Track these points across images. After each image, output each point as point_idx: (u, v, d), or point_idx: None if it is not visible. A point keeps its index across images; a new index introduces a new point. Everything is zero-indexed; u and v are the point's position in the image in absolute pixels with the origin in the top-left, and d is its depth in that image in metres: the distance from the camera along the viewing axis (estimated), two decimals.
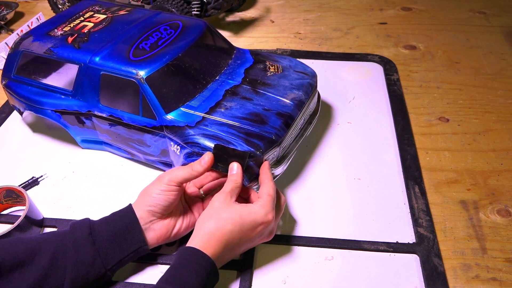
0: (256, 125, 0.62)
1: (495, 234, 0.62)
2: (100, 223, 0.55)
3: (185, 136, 0.62)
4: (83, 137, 0.74)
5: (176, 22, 0.74)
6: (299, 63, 0.77)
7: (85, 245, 0.52)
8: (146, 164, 0.73)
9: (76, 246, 0.52)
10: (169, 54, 0.66)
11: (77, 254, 0.51)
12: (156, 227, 0.56)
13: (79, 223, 0.54)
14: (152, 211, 0.55)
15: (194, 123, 0.62)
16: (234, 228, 0.52)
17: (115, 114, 0.66)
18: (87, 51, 0.67)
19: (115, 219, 0.55)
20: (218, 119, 0.63)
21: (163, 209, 0.55)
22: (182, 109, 0.64)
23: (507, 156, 0.74)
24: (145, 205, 0.55)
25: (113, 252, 0.53)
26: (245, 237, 0.53)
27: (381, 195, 0.67)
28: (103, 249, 0.53)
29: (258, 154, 0.59)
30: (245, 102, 0.66)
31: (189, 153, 0.62)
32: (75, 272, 0.51)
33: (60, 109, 0.70)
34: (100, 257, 0.52)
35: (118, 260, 0.54)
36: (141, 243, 0.55)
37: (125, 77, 0.63)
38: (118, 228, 0.54)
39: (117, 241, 0.53)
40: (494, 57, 0.99)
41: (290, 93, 0.69)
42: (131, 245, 0.54)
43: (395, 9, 1.21)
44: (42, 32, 0.73)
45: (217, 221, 0.52)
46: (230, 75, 0.71)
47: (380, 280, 0.56)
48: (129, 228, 0.54)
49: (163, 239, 0.57)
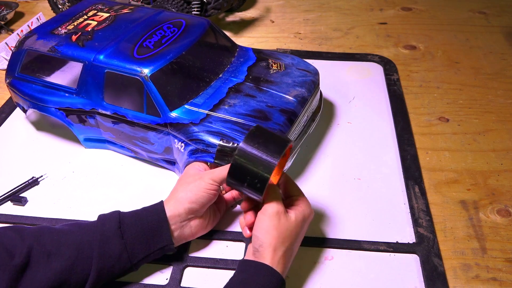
0: (260, 122, 0.63)
1: (495, 234, 0.62)
2: (130, 216, 0.55)
3: (189, 133, 0.62)
4: (86, 136, 0.74)
5: (179, 20, 0.74)
6: (301, 61, 0.77)
7: (114, 238, 0.52)
8: (146, 164, 0.73)
9: (104, 238, 0.52)
10: (173, 52, 0.67)
11: (104, 246, 0.52)
12: (193, 224, 0.57)
13: (108, 216, 0.55)
14: (193, 208, 0.55)
15: (198, 120, 0.63)
16: (298, 240, 0.54)
17: (119, 112, 0.66)
18: (91, 49, 0.67)
19: (146, 215, 0.55)
20: (222, 116, 0.63)
21: (202, 206, 0.56)
22: (186, 106, 0.65)
23: (507, 156, 0.74)
24: (185, 202, 0.55)
25: (140, 247, 0.54)
26: (301, 237, 0.55)
27: (381, 195, 0.67)
28: (131, 243, 0.53)
29: None
30: (249, 99, 0.66)
31: (194, 150, 0.62)
32: (101, 263, 0.51)
33: (64, 107, 0.70)
34: (127, 251, 0.53)
35: (144, 256, 0.54)
36: (168, 241, 0.55)
37: (129, 75, 0.64)
38: (147, 225, 0.54)
39: (145, 237, 0.54)
40: (494, 57, 0.99)
41: (293, 90, 0.69)
42: (158, 242, 0.54)
43: (395, 9, 1.21)
44: (46, 31, 0.73)
45: (284, 241, 0.51)
46: (233, 73, 0.72)
47: (380, 280, 0.56)
48: (158, 226, 0.54)
49: (197, 234, 0.58)
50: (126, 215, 0.55)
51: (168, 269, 0.58)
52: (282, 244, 0.50)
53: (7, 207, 0.67)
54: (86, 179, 0.71)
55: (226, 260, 0.58)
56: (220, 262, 0.58)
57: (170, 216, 0.55)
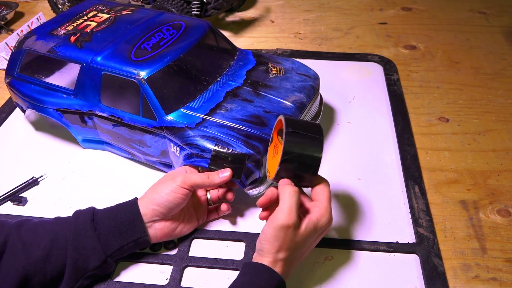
0: (256, 127, 0.62)
1: (495, 234, 0.62)
2: (103, 212, 0.56)
3: (184, 138, 0.62)
4: (84, 137, 0.74)
5: (179, 22, 0.74)
6: (302, 65, 0.76)
7: (86, 230, 0.53)
8: (146, 164, 0.73)
9: (77, 231, 0.53)
10: (171, 55, 0.66)
11: (78, 238, 0.53)
12: (158, 227, 0.57)
13: (83, 211, 0.56)
14: (157, 210, 0.55)
15: (194, 124, 0.62)
16: (307, 247, 0.52)
17: (116, 114, 0.66)
18: (89, 51, 0.67)
19: (119, 210, 0.56)
20: (218, 121, 0.63)
21: (168, 210, 0.56)
22: (183, 110, 0.64)
23: (507, 156, 0.74)
24: (151, 203, 0.56)
25: (113, 239, 0.54)
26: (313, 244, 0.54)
27: (381, 195, 0.67)
28: (104, 235, 0.54)
29: (258, 156, 0.59)
30: (246, 104, 0.66)
31: (189, 155, 0.61)
32: (75, 255, 0.52)
33: (61, 108, 0.70)
34: (100, 243, 0.53)
35: (118, 248, 0.54)
36: (142, 233, 0.55)
37: (126, 77, 0.63)
38: (120, 218, 0.55)
39: (118, 230, 0.54)
40: (494, 57, 0.99)
41: (291, 96, 0.68)
42: (131, 234, 0.55)
43: (395, 9, 1.21)
44: (45, 31, 0.73)
45: (287, 249, 0.50)
46: (231, 76, 0.71)
47: (380, 280, 0.56)
48: (131, 220, 0.55)
49: (163, 238, 0.58)
50: (100, 210, 0.56)
51: (168, 269, 0.58)
52: (283, 252, 0.49)
53: (7, 207, 0.67)
54: (86, 179, 0.71)
55: (226, 260, 0.58)
56: (220, 262, 0.58)
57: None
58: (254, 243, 0.59)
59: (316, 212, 0.51)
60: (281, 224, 0.48)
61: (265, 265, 0.49)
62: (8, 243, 0.51)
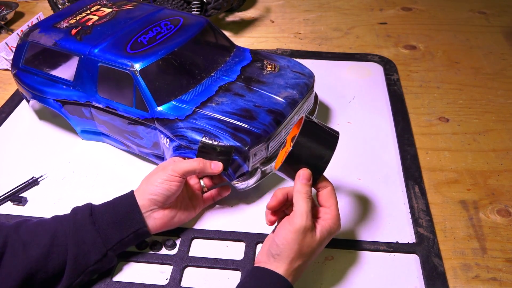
0: (245, 121, 0.63)
1: (495, 234, 0.62)
2: (101, 206, 0.57)
3: (174, 129, 0.62)
4: (82, 128, 0.76)
5: (177, 18, 0.75)
6: (297, 64, 0.77)
7: (85, 225, 0.54)
8: (146, 164, 0.73)
9: (76, 226, 0.53)
10: (165, 49, 0.67)
11: (77, 233, 0.53)
12: (156, 216, 0.57)
13: (80, 207, 0.56)
14: (154, 199, 0.56)
15: (184, 116, 0.63)
16: (316, 254, 0.52)
17: (111, 105, 0.67)
18: (88, 43, 0.68)
19: (116, 203, 0.57)
20: (207, 113, 0.63)
21: (164, 199, 0.57)
22: (174, 102, 0.65)
23: (507, 156, 0.74)
24: (147, 193, 0.56)
25: (113, 232, 0.55)
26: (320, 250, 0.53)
27: (381, 195, 0.67)
28: (103, 229, 0.54)
29: (244, 149, 0.60)
30: (237, 98, 0.66)
31: (178, 146, 0.62)
32: (76, 250, 0.52)
33: (61, 99, 0.72)
34: (101, 237, 0.54)
35: (119, 240, 0.55)
36: (141, 224, 0.56)
37: (120, 69, 0.65)
38: (118, 211, 0.56)
39: (117, 222, 0.55)
40: (494, 57, 0.99)
41: (283, 92, 0.69)
42: (130, 226, 0.55)
43: (395, 9, 1.21)
44: (49, 24, 0.74)
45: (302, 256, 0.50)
46: (226, 72, 0.72)
47: (380, 280, 0.56)
48: (129, 212, 0.56)
49: (162, 227, 0.59)
50: (98, 205, 0.57)
51: (168, 269, 0.58)
52: (299, 258, 0.50)
53: (7, 207, 0.67)
54: (86, 179, 0.71)
55: (226, 260, 0.58)
56: (220, 262, 0.58)
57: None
58: (254, 243, 0.60)
59: (328, 220, 0.52)
60: (300, 226, 0.49)
61: (280, 275, 0.49)
62: (8, 244, 0.51)
